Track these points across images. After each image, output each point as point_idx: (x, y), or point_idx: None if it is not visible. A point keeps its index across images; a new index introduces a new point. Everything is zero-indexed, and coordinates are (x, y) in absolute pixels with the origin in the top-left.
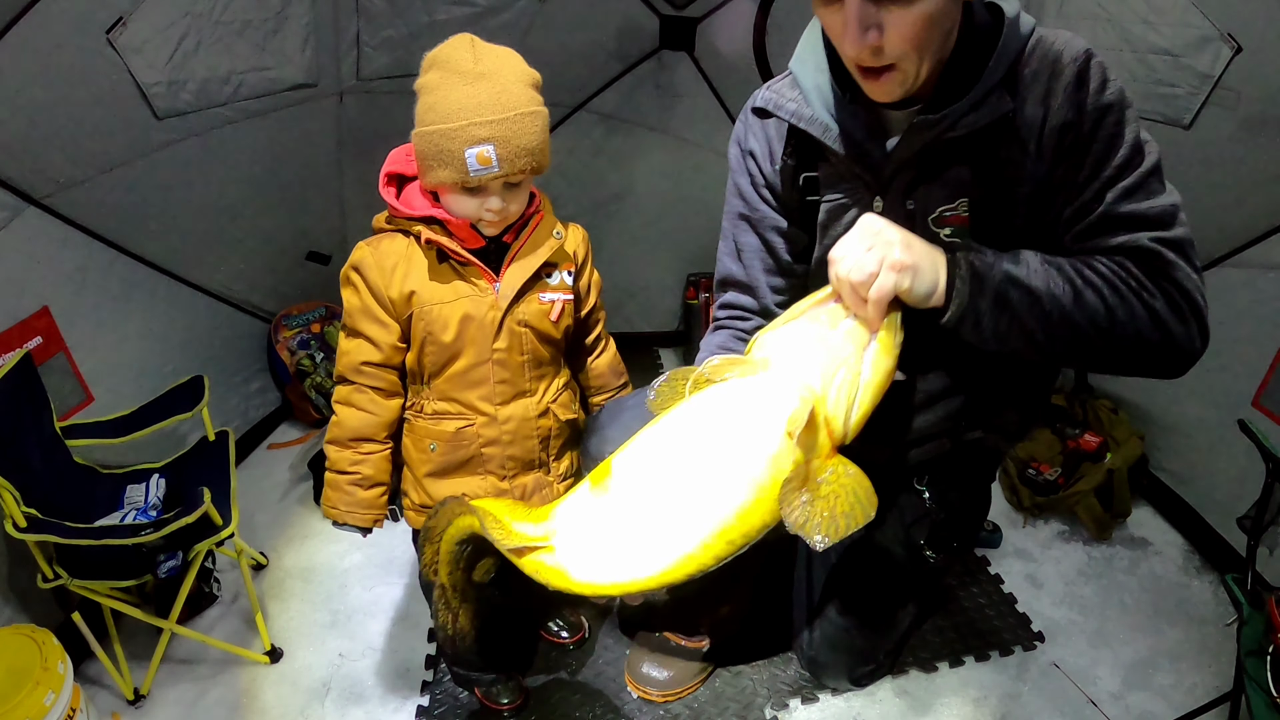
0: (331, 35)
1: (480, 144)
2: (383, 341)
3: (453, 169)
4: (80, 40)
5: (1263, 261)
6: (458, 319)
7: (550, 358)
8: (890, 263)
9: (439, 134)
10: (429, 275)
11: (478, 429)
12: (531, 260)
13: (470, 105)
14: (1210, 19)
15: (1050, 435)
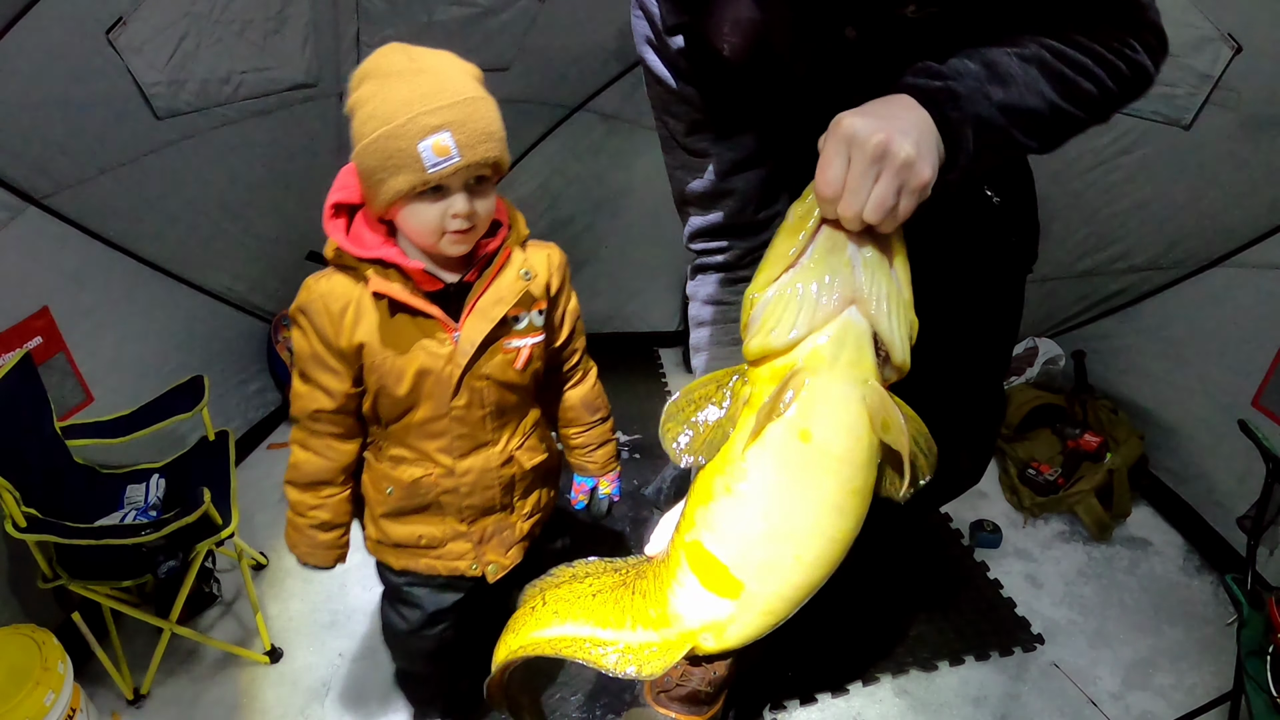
0: (331, 35)
1: (435, 132)
2: (335, 389)
3: (407, 170)
4: (80, 40)
5: (1263, 261)
6: (412, 373)
7: (516, 403)
8: (911, 187)
9: (385, 136)
10: (381, 324)
11: (435, 479)
12: (495, 309)
13: (415, 96)
14: (1210, 19)
15: (1050, 435)
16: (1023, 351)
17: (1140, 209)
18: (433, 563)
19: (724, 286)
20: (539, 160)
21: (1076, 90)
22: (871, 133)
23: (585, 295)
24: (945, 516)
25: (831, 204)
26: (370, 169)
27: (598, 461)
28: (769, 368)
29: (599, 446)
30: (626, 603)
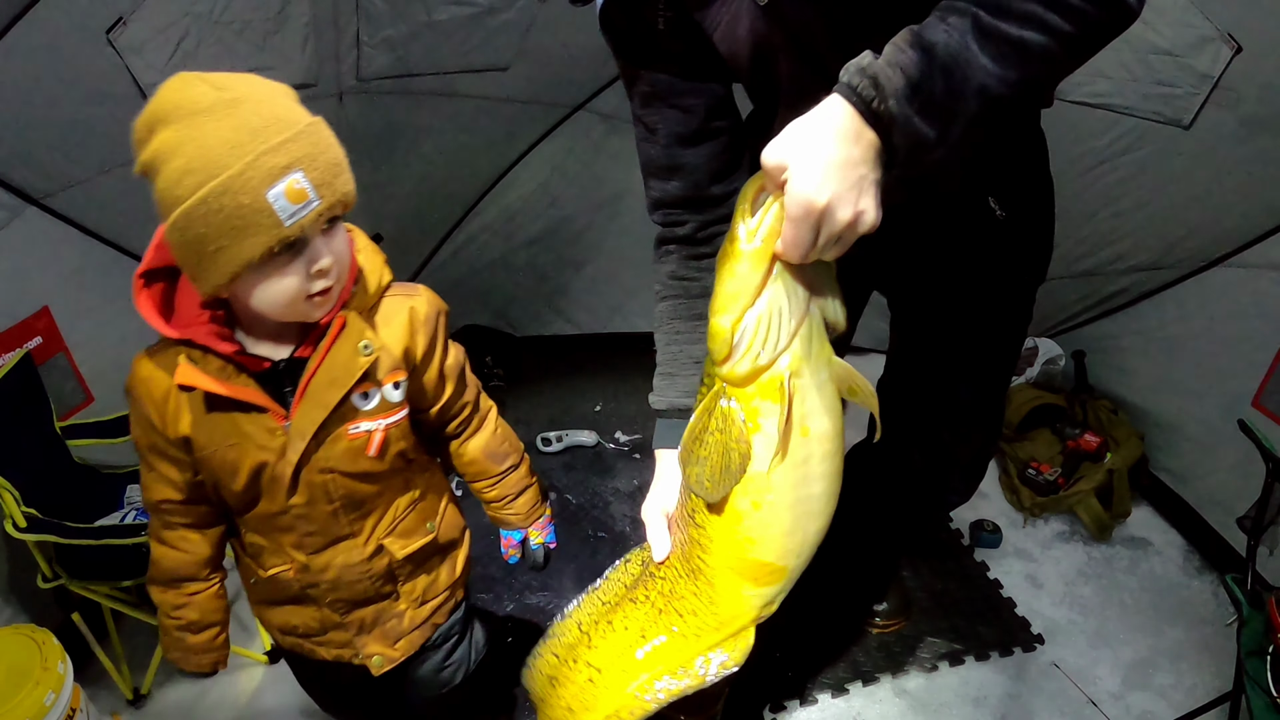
0: (331, 35)
1: (284, 174)
2: (179, 480)
3: (256, 230)
4: (80, 40)
5: (1263, 261)
6: (246, 469)
7: (376, 491)
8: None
9: (217, 194)
10: (204, 413)
11: (293, 574)
12: (329, 393)
13: (245, 134)
14: (1210, 19)
15: (1050, 435)
16: (1023, 351)
17: (1140, 209)
18: (314, 648)
19: (685, 262)
20: (539, 160)
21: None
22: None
23: (585, 295)
24: (945, 516)
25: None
26: (199, 239)
27: (520, 512)
28: (759, 384)
29: (518, 495)
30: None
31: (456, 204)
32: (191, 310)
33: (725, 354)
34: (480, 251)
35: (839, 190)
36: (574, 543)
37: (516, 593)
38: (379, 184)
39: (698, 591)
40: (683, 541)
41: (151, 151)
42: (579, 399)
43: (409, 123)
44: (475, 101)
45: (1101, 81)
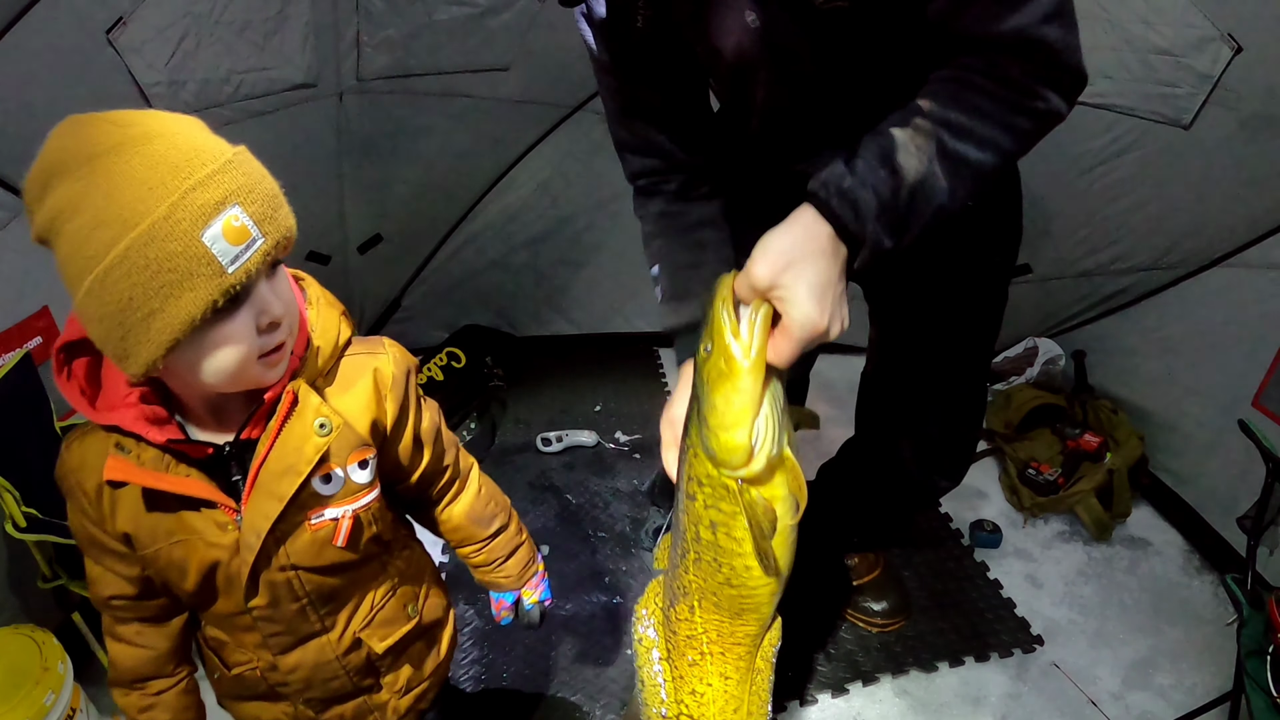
0: (331, 35)
1: (219, 211)
2: (128, 574)
3: (196, 283)
4: (80, 40)
5: (1263, 261)
6: (195, 567)
7: (348, 582)
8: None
9: (140, 245)
10: (143, 509)
11: (260, 673)
12: (284, 483)
13: (164, 173)
14: (1210, 19)
15: (1050, 435)
16: (1023, 351)
17: (1140, 209)
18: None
19: (672, 202)
20: (539, 160)
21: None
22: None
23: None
24: (945, 516)
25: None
26: (122, 306)
27: (512, 574)
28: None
29: (508, 557)
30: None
31: (456, 204)
32: (119, 388)
33: (743, 461)
34: (480, 251)
35: (832, 310)
36: (574, 543)
37: None
38: (379, 184)
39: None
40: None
41: (49, 212)
42: (579, 399)
43: (409, 123)
44: (475, 101)
45: (1101, 81)
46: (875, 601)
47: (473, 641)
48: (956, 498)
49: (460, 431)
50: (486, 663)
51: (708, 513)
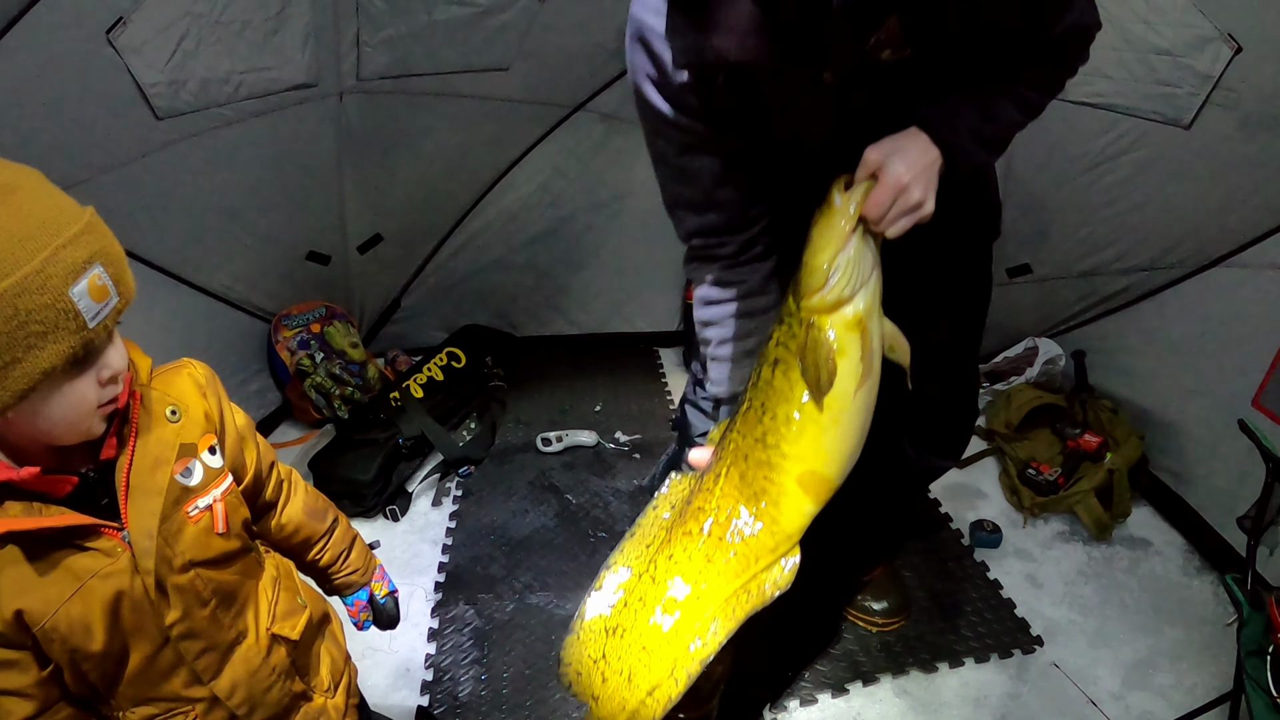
0: (331, 35)
1: (85, 270)
2: (25, 686)
3: (60, 336)
4: (80, 40)
5: (1263, 261)
6: (99, 615)
7: (240, 577)
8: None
9: (11, 296)
10: (27, 573)
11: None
12: (157, 476)
13: (34, 227)
14: (1210, 19)
15: (1050, 435)
16: (1023, 351)
17: (1140, 209)
18: None
19: (728, 271)
20: (539, 160)
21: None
22: (911, 187)
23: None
24: (945, 516)
25: (875, 221)
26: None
27: (359, 566)
28: (842, 317)
29: (350, 550)
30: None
31: (456, 204)
32: None
33: (820, 284)
34: (480, 251)
35: (919, 178)
36: (574, 543)
37: (517, 593)
38: (379, 184)
39: (759, 513)
40: (738, 470)
41: None
42: (579, 399)
43: (409, 123)
44: (475, 101)
45: (1101, 81)
46: (876, 601)
47: (473, 642)
48: (956, 498)
49: (460, 431)
50: (486, 663)
51: (776, 350)
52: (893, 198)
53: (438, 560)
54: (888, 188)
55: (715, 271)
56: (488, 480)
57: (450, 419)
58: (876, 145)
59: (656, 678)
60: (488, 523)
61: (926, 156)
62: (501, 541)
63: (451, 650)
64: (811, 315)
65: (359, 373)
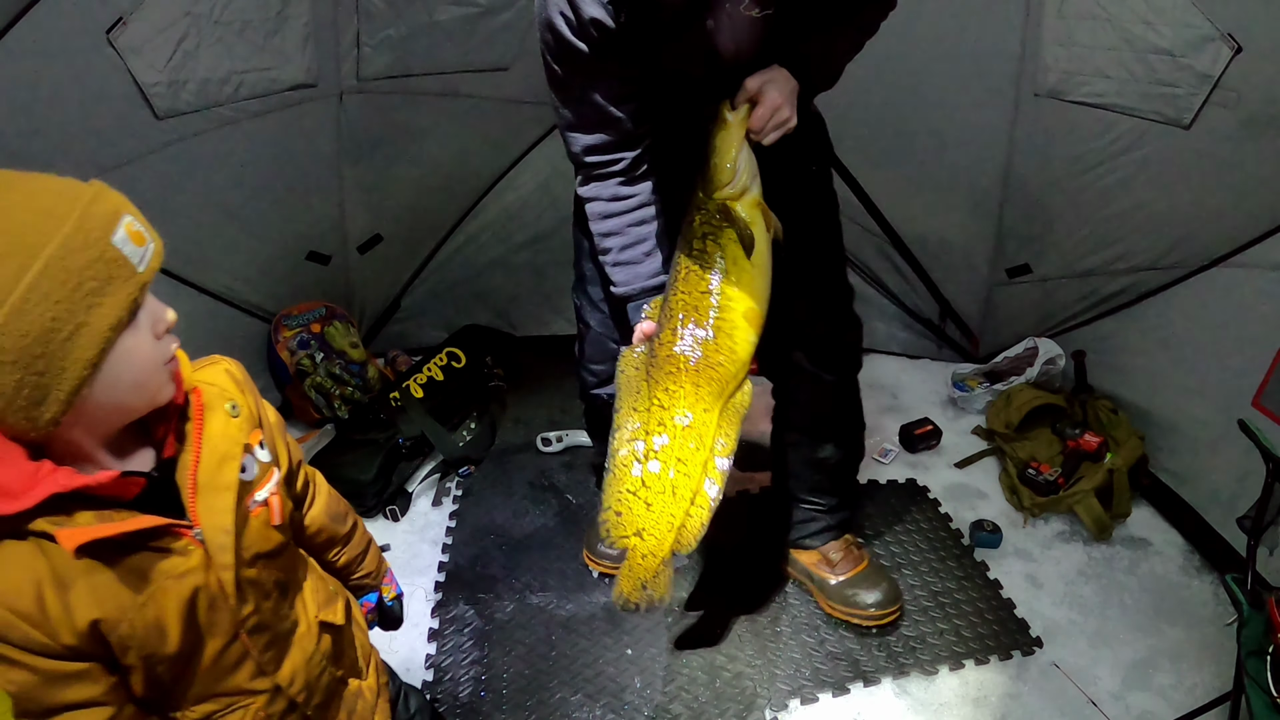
0: (331, 35)
1: (118, 218)
2: (96, 696)
3: (117, 284)
4: (80, 40)
5: (1263, 261)
6: (174, 615)
7: (289, 564)
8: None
9: (57, 261)
10: (102, 581)
11: (263, 712)
12: (225, 473)
13: (51, 200)
14: (1210, 19)
15: (1050, 435)
16: (1023, 351)
17: (1140, 209)
18: None
19: (621, 186)
20: (539, 160)
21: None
22: (784, 108)
23: None
24: (945, 516)
25: (757, 132)
26: (43, 333)
27: (372, 570)
28: (746, 199)
29: (365, 553)
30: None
31: (456, 204)
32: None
33: (728, 179)
34: (480, 251)
35: (788, 100)
36: (574, 543)
37: (517, 593)
38: (379, 184)
39: (719, 346)
40: (691, 318)
41: None
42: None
43: (409, 123)
44: (475, 101)
45: (1101, 81)
46: (868, 593)
47: (473, 642)
48: (956, 498)
49: (460, 431)
50: (486, 663)
51: (702, 228)
52: (771, 114)
53: (438, 560)
54: (768, 107)
55: (611, 187)
56: (488, 480)
57: (450, 419)
58: (753, 76)
59: (695, 484)
60: (488, 523)
61: (790, 84)
62: (501, 541)
63: (452, 650)
64: (725, 201)
65: (359, 373)
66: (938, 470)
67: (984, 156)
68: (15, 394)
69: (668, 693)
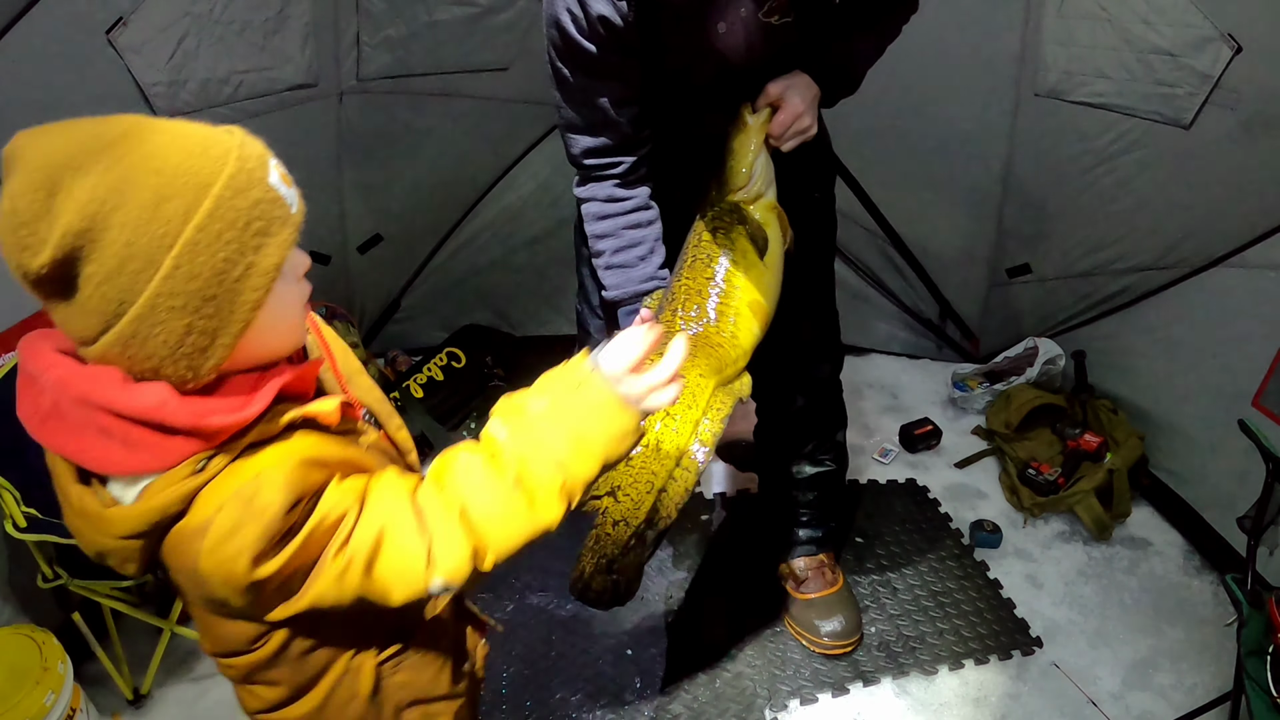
0: (331, 35)
1: (267, 159)
2: None
3: (279, 226)
4: (80, 40)
5: (1263, 261)
6: None
7: None
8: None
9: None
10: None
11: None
12: (352, 361)
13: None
14: (1210, 19)
15: (1050, 435)
16: (1023, 351)
17: (1140, 209)
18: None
19: (618, 189)
20: (539, 160)
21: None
22: (805, 114)
23: None
24: (945, 516)
25: (776, 138)
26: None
27: None
28: (761, 203)
29: None
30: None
31: (456, 204)
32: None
33: (744, 183)
34: (480, 251)
35: (810, 107)
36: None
37: (517, 593)
38: (379, 184)
39: (720, 329)
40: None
41: (78, 210)
42: None
43: (409, 123)
44: (475, 101)
45: (1101, 81)
46: (825, 621)
47: None
48: (956, 498)
49: (460, 431)
50: (486, 662)
51: (713, 222)
52: (793, 121)
53: None
54: (789, 113)
55: (608, 189)
56: None
57: (450, 419)
58: (776, 81)
59: (684, 443)
60: None
61: (812, 91)
62: None
63: None
64: (739, 204)
65: None
66: (938, 470)
67: (984, 156)
68: (181, 341)
69: (668, 693)
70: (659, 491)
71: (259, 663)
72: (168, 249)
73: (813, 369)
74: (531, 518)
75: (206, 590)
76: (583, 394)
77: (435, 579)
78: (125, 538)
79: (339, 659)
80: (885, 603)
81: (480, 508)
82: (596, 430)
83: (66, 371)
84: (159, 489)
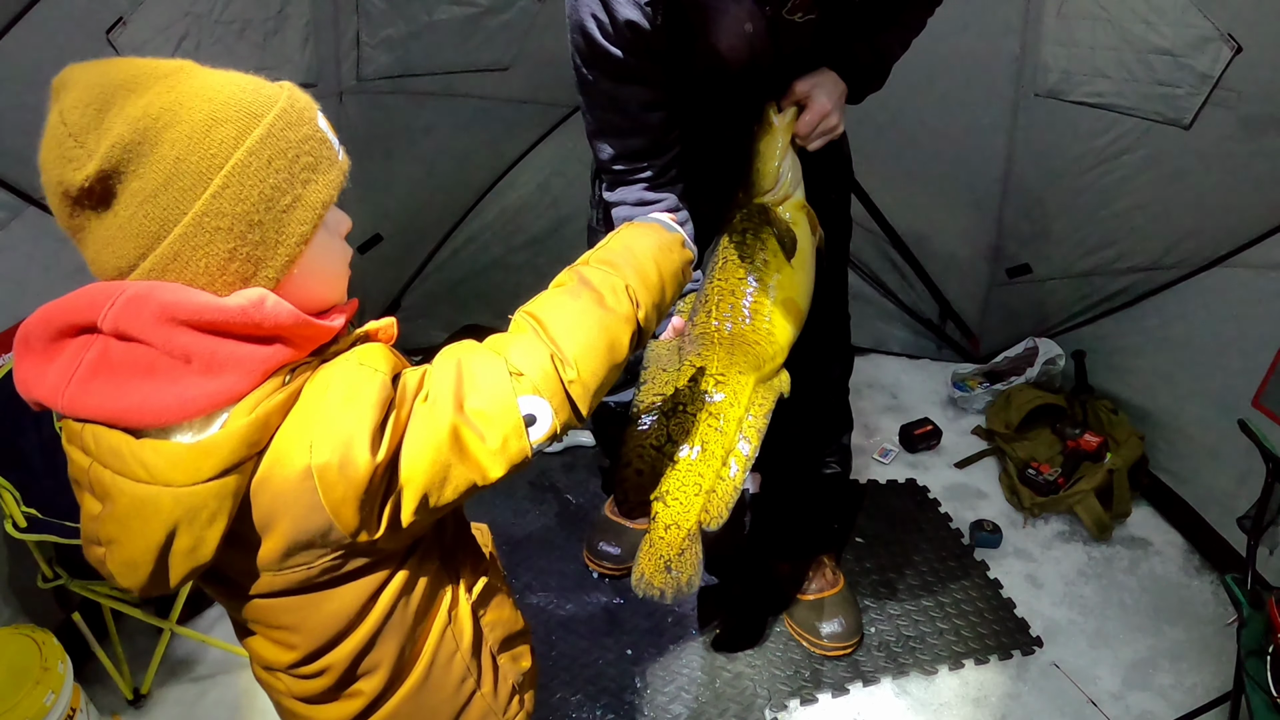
0: (331, 35)
1: (316, 106)
2: None
3: (326, 166)
4: (80, 40)
5: (1263, 261)
6: None
7: None
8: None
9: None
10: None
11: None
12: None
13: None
14: (1210, 19)
15: (1050, 435)
16: (1023, 351)
17: (1140, 209)
18: None
19: (647, 191)
20: (539, 160)
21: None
22: (832, 113)
23: None
24: (945, 516)
25: (803, 138)
26: (266, 196)
27: None
28: (790, 203)
29: None
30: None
31: (456, 204)
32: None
33: (772, 184)
34: (480, 251)
35: (837, 106)
36: (574, 543)
37: (517, 593)
38: (379, 184)
39: (755, 327)
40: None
41: (129, 125)
42: None
43: (409, 123)
44: (475, 101)
45: (1101, 81)
46: (826, 622)
47: None
48: (956, 498)
49: None
50: None
51: (743, 224)
52: (819, 120)
53: None
54: (816, 113)
55: (637, 192)
56: None
57: None
58: (802, 79)
59: (729, 442)
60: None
61: (839, 88)
62: (501, 541)
63: None
64: (768, 206)
65: None
66: (938, 470)
67: (984, 156)
68: (224, 268)
69: (668, 693)
70: (707, 493)
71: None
72: (218, 168)
73: (824, 370)
74: (603, 315)
75: (313, 521)
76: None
77: (524, 394)
78: (215, 477)
79: (438, 609)
80: (885, 603)
81: (552, 315)
82: (645, 243)
83: (145, 286)
84: (250, 406)
